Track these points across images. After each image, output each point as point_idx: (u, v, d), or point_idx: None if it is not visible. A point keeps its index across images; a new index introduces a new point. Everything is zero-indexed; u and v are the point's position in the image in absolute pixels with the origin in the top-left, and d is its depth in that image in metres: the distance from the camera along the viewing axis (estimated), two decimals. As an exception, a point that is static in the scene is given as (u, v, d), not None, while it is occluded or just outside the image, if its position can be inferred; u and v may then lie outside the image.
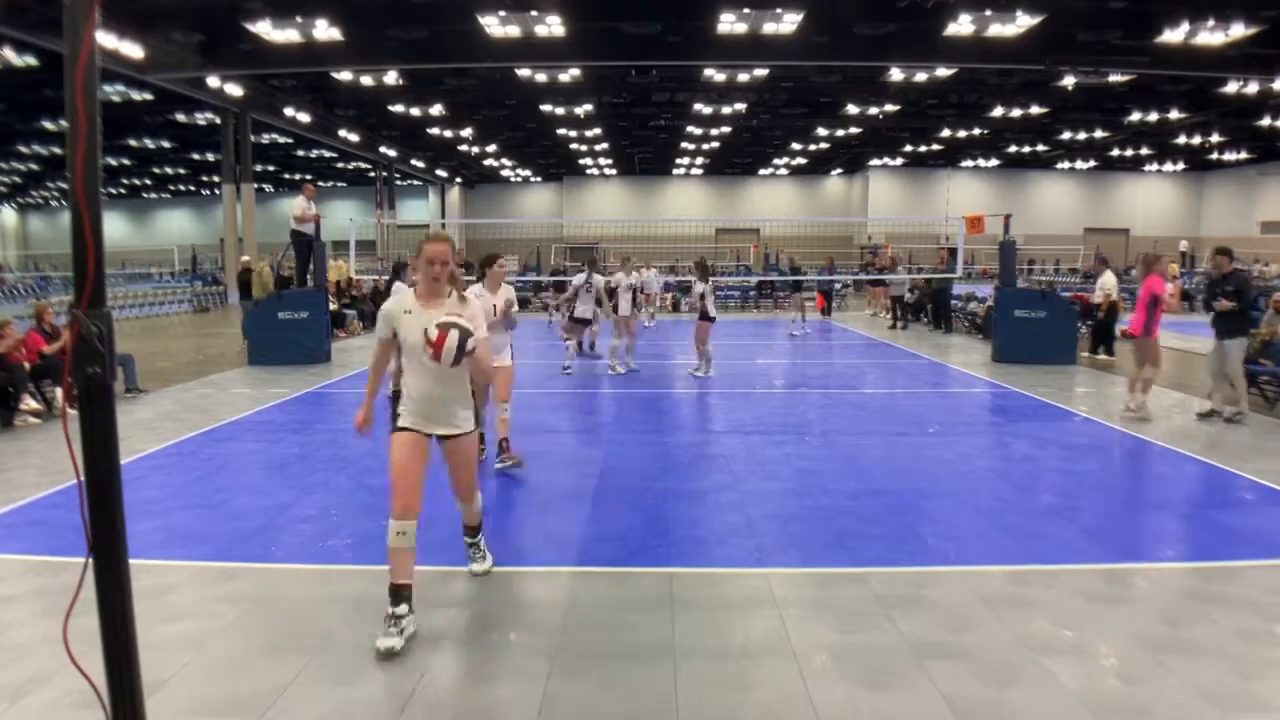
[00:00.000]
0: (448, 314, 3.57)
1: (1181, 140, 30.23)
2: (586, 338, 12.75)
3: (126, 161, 34.85)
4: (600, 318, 12.11)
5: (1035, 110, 25.08)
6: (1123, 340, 15.88)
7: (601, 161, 39.04)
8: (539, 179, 45.09)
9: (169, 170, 39.06)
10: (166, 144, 30.86)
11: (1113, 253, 36.47)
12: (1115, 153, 34.68)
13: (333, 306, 15.50)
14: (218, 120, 25.30)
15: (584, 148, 34.39)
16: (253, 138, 25.92)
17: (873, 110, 25.32)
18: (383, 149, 32.28)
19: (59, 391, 8.59)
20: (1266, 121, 25.98)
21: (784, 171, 42.27)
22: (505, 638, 3.69)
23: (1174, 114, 25.09)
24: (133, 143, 30.30)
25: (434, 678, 3.32)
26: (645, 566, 4.51)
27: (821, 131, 30.27)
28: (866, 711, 3.07)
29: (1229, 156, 34.65)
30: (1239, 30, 15.42)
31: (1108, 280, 14.25)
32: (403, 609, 3.53)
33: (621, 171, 42.52)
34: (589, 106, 24.82)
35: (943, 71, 19.65)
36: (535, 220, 41.64)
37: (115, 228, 45.23)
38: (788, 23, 15.83)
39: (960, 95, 24.21)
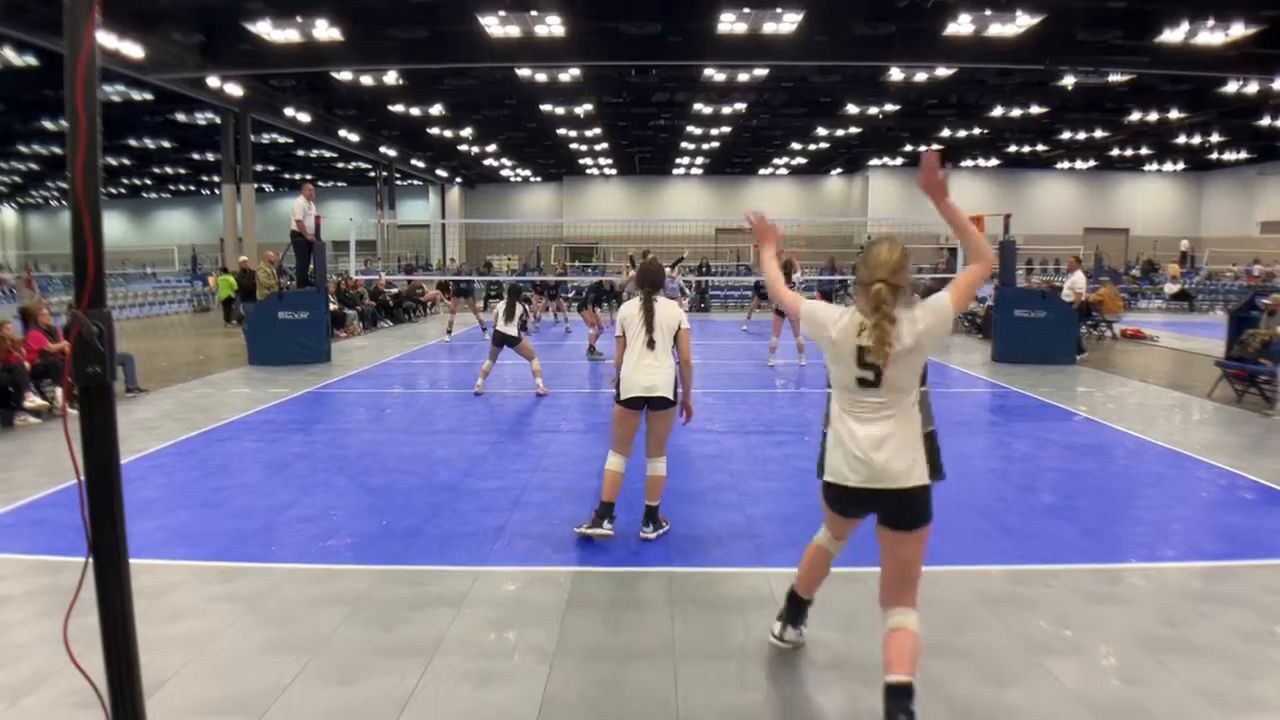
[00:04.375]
0: None
1: (1181, 140, 30.18)
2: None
3: (126, 161, 34.78)
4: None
5: (1035, 110, 25.02)
6: (1124, 340, 15.97)
7: (601, 161, 38.99)
8: (539, 179, 45.04)
9: (169, 170, 38.99)
10: (166, 144, 30.80)
11: (1112, 253, 36.56)
12: (1115, 153, 34.62)
13: (333, 306, 15.52)
14: (218, 120, 25.25)
15: (584, 148, 34.34)
16: (253, 138, 25.88)
17: (873, 110, 25.27)
18: (383, 149, 32.24)
19: (59, 391, 8.59)
20: (1266, 121, 25.92)
21: (784, 171, 42.22)
22: (505, 638, 3.69)
23: (1174, 114, 25.03)
24: (133, 143, 30.25)
25: (434, 678, 3.32)
26: (645, 566, 4.51)
27: (821, 131, 30.22)
28: (867, 711, 3.07)
29: (1229, 156, 34.58)
30: (1239, 30, 15.39)
31: (1078, 280, 14.28)
32: None
33: (621, 171, 42.47)
34: (589, 106, 24.79)
35: (943, 71, 19.61)
36: (535, 220, 41.61)
37: (115, 228, 45.22)
38: (788, 23, 15.81)
39: (960, 95, 24.17)
